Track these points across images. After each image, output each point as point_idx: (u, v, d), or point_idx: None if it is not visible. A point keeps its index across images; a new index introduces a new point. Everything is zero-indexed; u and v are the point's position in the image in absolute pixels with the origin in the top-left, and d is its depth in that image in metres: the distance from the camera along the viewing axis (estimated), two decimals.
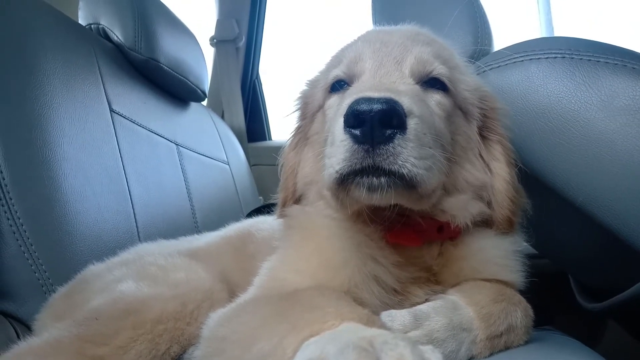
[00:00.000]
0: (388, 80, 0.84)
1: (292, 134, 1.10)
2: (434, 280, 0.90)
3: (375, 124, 0.70)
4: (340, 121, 0.74)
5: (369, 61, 0.89)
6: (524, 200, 0.97)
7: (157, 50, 1.86)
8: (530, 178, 0.99)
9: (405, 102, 0.74)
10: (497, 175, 0.93)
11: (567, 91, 0.95)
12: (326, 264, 0.84)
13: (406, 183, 0.73)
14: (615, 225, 0.91)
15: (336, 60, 0.99)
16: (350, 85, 0.91)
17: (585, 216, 0.95)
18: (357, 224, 0.88)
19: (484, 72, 1.07)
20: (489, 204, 0.94)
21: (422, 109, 0.80)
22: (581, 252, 1.28)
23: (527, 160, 0.99)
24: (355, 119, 0.71)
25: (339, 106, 0.83)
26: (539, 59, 1.00)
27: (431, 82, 0.90)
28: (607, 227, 0.92)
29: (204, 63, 2.25)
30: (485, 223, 0.95)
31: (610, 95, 0.90)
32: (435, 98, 0.89)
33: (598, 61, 0.94)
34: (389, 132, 0.71)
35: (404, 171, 0.71)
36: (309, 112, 1.05)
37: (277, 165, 1.10)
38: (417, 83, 0.88)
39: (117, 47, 1.84)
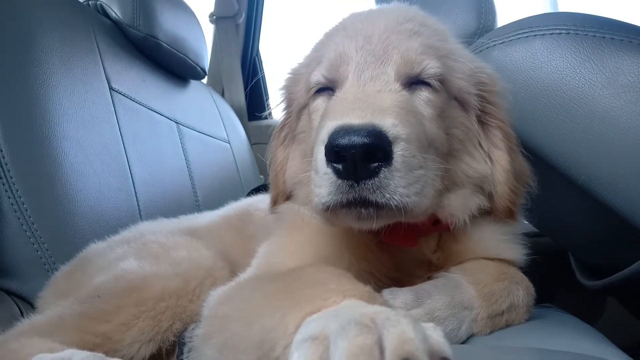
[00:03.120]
0: (372, 88, 0.79)
1: (279, 128, 1.07)
2: (435, 269, 0.90)
3: (358, 160, 0.66)
4: (322, 150, 0.70)
5: (352, 63, 0.82)
6: (527, 185, 0.94)
7: (156, 27, 1.84)
8: (532, 156, 0.98)
9: (390, 127, 0.69)
10: (497, 164, 0.90)
11: (572, 68, 0.93)
12: (322, 257, 0.85)
13: (396, 210, 0.70)
14: (617, 203, 0.91)
15: (318, 54, 0.92)
16: (333, 90, 0.86)
17: (586, 195, 0.95)
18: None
19: (487, 48, 1.06)
20: (489, 194, 0.91)
21: (411, 123, 0.75)
22: (582, 231, 1.28)
23: (529, 138, 0.98)
24: (336, 155, 0.67)
25: (320, 125, 0.78)
26: (543, 34, 0.98)
27: (420, 82, 0.84)
28: (608, 205, 0.92)
29: (204, 40, 2.22)
30: (486, 211, 0.93)
31: (615, 72, 0.89)
32: (424, 96, 0.84)
33: (603, 37, 0.93)
34: (373, 165, 0.67)
35: (393, 203, 0.68)
36: (295, 107, 1.01)
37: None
38: (404, 85, 0.82)
39: (116, 24, 1.82)
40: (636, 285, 1.12)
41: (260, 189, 1.87)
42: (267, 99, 3.11)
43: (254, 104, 3.03)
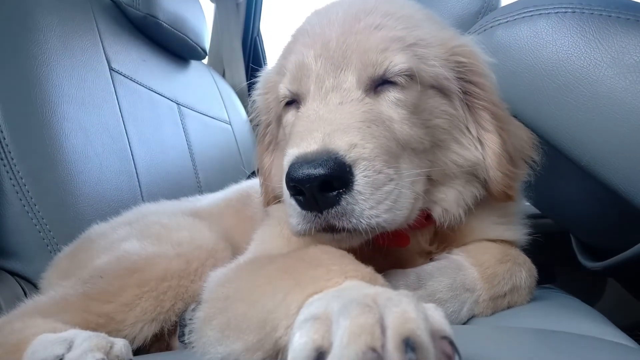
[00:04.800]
0: (334, 100, 0.75)
1: (262, 133, 1.04)
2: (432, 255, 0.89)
3: (316, 192, 0.65)
4: (284, 180, 0.69)
5: (312, 75, 0.79)
6: (529, 159, 0.91)
7: (156, 6, 1.82)
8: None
9: (347, 149, 0.66)
10: (488, 148, 0.85)
11: (577, 47, 0.92)
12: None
13: (369, 231, 0.68)
14: (620, 185, 0.90)
15: (284, 61, 0.88)
16: (299, 103, 0.84)
17: (589, 176, 0.94)
18: None
19: (491, 27, 1.04)
20: (484, 180, 0.88)
21: (375, 135, 0.71)
22: (584, 213, 1.28)
23: (533, 118, 0.97)
24: (295, 189, 0.66)
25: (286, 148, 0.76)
26: (548, 13, 0.96)
27: (386, 82, 0.79)
28: (611, 187, 0.91)
29: (204, 20, 2.20)
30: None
31: (621, 51, 0.88)
32: (392, 97, 0.79)
33: (609, 16, 0.91)
34: (332, 194, 0.65)
35: (361, 227, 0.67)
36: (273, 114, 0.98)
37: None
38: (368, 90, 0.78)
39: (115, 3, 1.80)
40: (637, 267, 1.13)
41: None
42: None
43: (255, 84, 3.00)
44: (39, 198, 1.25)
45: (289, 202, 0.70)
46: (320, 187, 0.64)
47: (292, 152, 0.69)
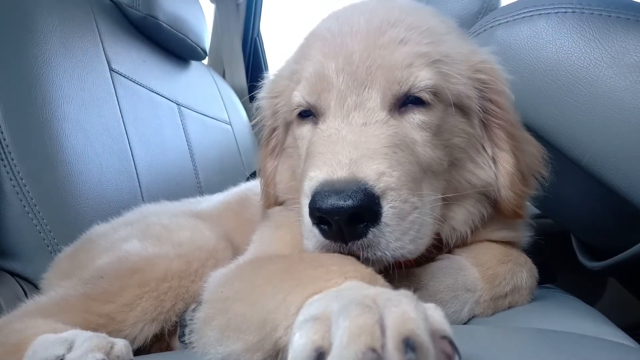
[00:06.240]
0: (357, 120, 0.72)
1: (266, 137, 1.01)
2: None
3: (344, 224, 0.62)
4: (306, 205, 0.66)
5: (333, 90, 0.76)
6: (538, 175, 0.90)
7: (156, 7, 1.82)
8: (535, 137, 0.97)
9: (377, 179, 0.64)
10: (502, 167, 0.84)
11: (577, 47, 0.92)
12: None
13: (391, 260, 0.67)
14: (620, 185, 0.90)
15: (298, 66, 0.85)
16: (316, 117, 0.81)
17: (590, 176, 0.94)
18: None
19: (491, 28, 1.04)
20: (494, 198, 0.87)
21: (400, 161, 0.69)
22: (584, 212, 1.28)
23: (533, 118, 0.97)
24: (320, 218, 0.64)
25: (305, 168, 0.74)
26: (548, 13, 0.97)
27: (410, 100, 0.77)
28: (611, 187, 0.91)
29: (204, 20, 2.20)
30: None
31: (621, 51, 0.88)
32: (417, 120, 0.76)
33: (609, 16, 0.91)
34: (360, 226, 0.63)
35: (385, 258, 0.65)
36: (281, 120, 0.95)
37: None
38: (392, 109, 0.76)
39: (115, 4, 1.80)
40: (637, 266, 1.12)
41: None
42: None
43: (255, 85, 3.00)
44: (39, 198, 1.25)
45: (309, 229, 0.67)
46: (349, 219, 0.62)
47: (315, 176, 0.66)
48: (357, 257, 0.65)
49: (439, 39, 0.81)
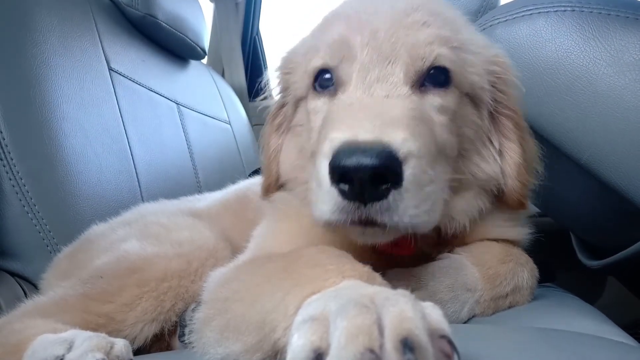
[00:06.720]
0: (379, 92, 0.72)
1: (273, 114, 1.01)
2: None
3: (367, 183, 0.61)
4: (325, 166, 0.65)
5: (356, 62, 0.76)
6: (535, 171, 0.90)
7: (155, 6, 1.82)
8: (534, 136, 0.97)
9: (401, 144, 0.63)
10: (509, 157, 0.85)
11: (576, 46, 0.92)
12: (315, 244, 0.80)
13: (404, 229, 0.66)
14: (619, 183, 0.90)
15: (317, 41, 0.85)
16: (336, 87, 0.80)
17: (589, 175, 0.94)
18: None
19: (490, 26, 1.04)
20: (498, 190, 0.87)
21: (421, 134, 0.69)
22: (584, 211, 1.28)
23: (532, 116, 0.97)
24: (341, 176, 0.62)
25: (323, 133, 0.73)
26: (547, 12, 0.96)
27: (431, 78, 0.77)
28: (611, 185, 0.91)
29: (203, 19, 2.20)
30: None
31: (621, 50, 0.88)
32: (436, 103, 0.77)
33: (609, 14, 0.91)
34: (382, 188, 0.62)
35: (402, 225, 0.64)
36: (291, 97, 0.94)
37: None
38: (414, 86, 0.76)
39: (114, 3, 1.80)
40: (637, 265, 1.12)
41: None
42: (267, 79, 3.07)
43: (254, 84, 3.00)
44: (39, 198, 1.25)
45: (326, 190, 0.66)
46: (371, 179, 0.61)
47: (337, 137, 0.64)
48: (374, 223, 0.64)
49: (458, 28, 0.83)
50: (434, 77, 0.77)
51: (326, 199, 0.66)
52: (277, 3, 3.21)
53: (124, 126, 1.60)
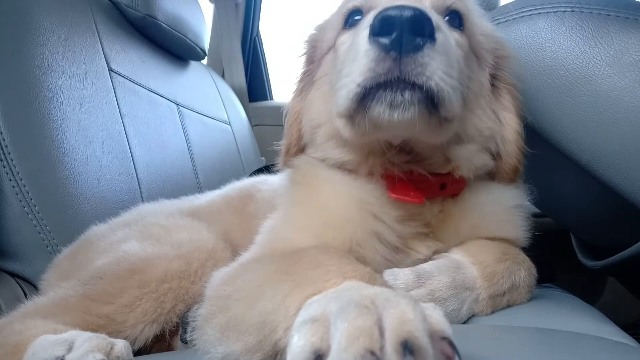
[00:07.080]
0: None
1: (298, 79, 1.06)
2: (433, 236, 0.90)
3: (405, 30, 0.66)
4: (365, 33, 0.70)
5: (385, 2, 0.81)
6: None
7: (155, 7, 1.82)
8: (534, 135, 0.97)
9: (434, 16, 0.71)
10: (507, 125, 0.92)
11: (576, 46, 0.92)
12: (329, 222, 0.84)
13: (430, 102, 0.69)
14: (620, 184, 0.90)
15: (341, 9, 0.94)
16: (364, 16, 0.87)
17: (589, 175, 0.94)
18: (360, 179, 0.88)
19: None
20: (493, 156, 0.93)
21: (447, 32, 0.76)
22: (584, 211, 1.28)
23: (532, 117, 0.97)
24: (383, 26, 0.67)
25: (357, 31, 0.78)
26: (547, 12, 0.96)
27: (449, 19, 0.86)
28: (611, 186, 0.91)
29: (203, 20, 2.20)
30: (486, 175, 0.94)
31: (620, 50, 0.88)
32: (455, 36, 0.84)
33: (609, 15, 0.91)
34: (419, 40, 0.67)
35: (431, 83, 0.68)
36: (317, 55, 1.01)
37: (281, 124, 1.08)
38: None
39: (114, 4, 1.80)
40: (637, 265, 1.12)
41: (262, 170, 1.88)
42: (268, 79, 3.08)
43: (254, 85, 3.01)
44: (39, 199, 1.25)
45: (365, 49, 0.70)
46: (411, 27, 0.66)
47: (376, 11, 0.70)
48: (404, 81, 0.68)
49: (474, 6, 0.93)
50: (451, 21, 0.86)
51: (362, 62, 0.70)
52: (277, 3, 3.21)
53: (124, 127, 1.60)
